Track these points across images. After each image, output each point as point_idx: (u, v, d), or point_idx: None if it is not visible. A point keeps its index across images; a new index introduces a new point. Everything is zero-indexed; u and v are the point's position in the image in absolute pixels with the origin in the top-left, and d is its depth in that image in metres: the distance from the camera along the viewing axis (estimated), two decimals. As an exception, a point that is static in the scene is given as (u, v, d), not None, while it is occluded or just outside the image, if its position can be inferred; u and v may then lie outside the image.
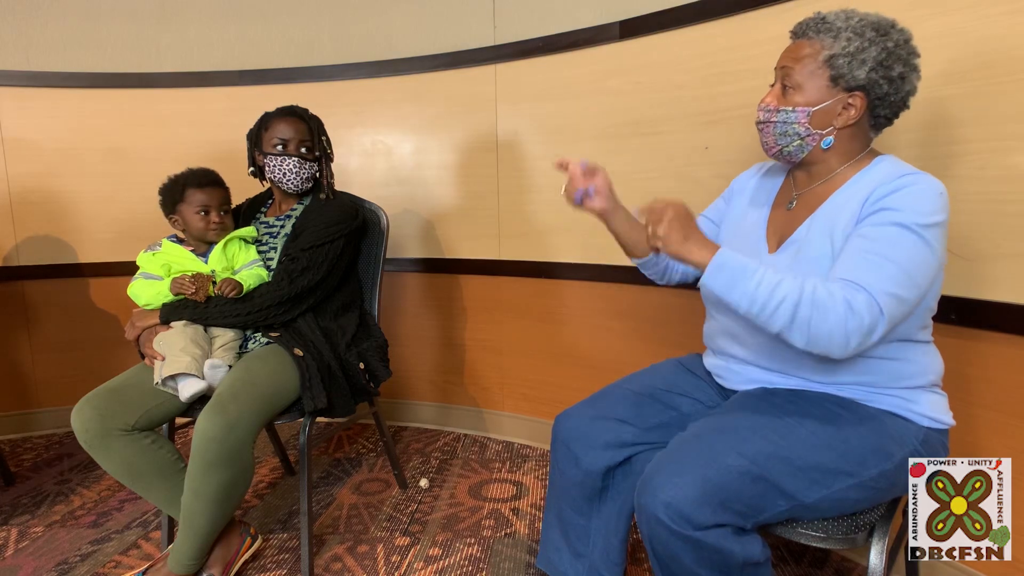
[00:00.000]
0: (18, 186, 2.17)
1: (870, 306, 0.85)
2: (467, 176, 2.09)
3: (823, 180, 1.02)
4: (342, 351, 1.47)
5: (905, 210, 0.88)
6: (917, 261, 0.87)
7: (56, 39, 2.15)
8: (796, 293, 0.86)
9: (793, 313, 0.86)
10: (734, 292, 0.89)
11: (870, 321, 0.85)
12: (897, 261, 0.86)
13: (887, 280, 0.86)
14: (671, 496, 0.84)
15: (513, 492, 1.80)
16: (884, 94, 0.95)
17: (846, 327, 0.85)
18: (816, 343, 0.87)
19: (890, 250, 0.87)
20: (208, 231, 1.45)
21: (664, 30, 1.65)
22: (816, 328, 0.85)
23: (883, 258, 0.87)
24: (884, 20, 0.95)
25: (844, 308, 0.84)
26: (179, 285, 1.37)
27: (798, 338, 0.87)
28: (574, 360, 2.00)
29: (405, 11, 2.09)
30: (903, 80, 0.95)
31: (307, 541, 1.38)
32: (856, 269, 0.88)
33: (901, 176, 0.91)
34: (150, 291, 1.40)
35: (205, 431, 1.19)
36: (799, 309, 0.86)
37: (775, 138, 1.01)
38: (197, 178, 1.46)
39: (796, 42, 1.00)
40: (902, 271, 0.86)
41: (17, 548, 1.55)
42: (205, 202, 1.44)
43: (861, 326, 0.85)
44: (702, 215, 1.27)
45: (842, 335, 0.85)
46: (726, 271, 0.90)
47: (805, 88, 0.97)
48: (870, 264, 0.87)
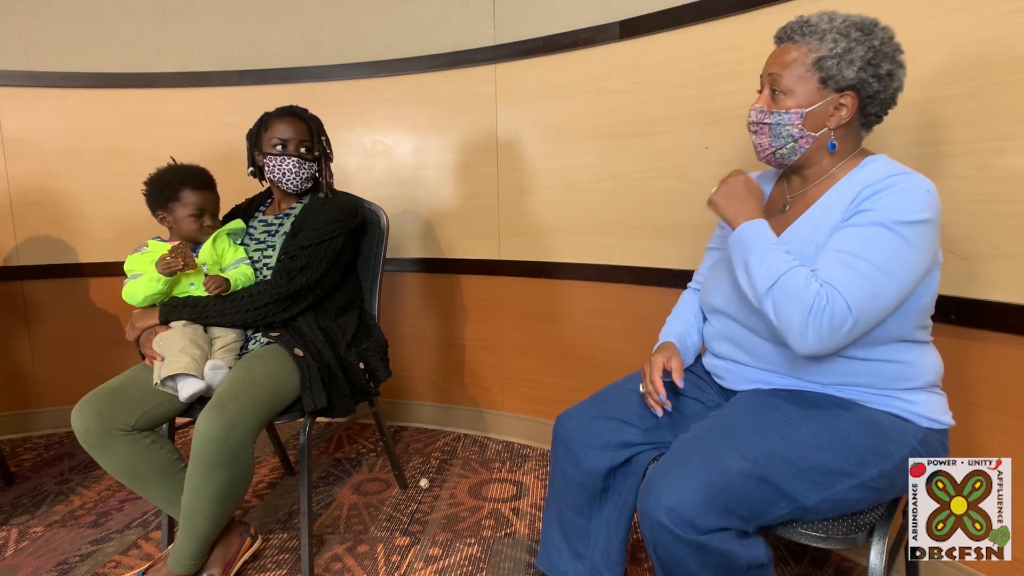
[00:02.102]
0: (18, 186, 2.17)
1: (836, 303, 0.86)
2: (467, 176, 2.09)
3: (817, 182, 1.03)
4: (342, 351, 1.47)
5: (885, 209, 0.89)
6: (894, 259, 0.88)
7: (56, 39, 2.15)
8: (788, 266, 0.91)
9: (771, 286, 0.91)
10: (753, 244, 0.95)
11: (838, 320, 0.86)
12: (870, 259, 0.88)
13: (858, 277, 0.87)
14: (674, 500, 0.84)
15: (513, 492, 1.80)
16: (874, 92, 0.97)
17: (805, 321, 0.87)
18: (782, 319, 0.90)
19: (864, 248, 0.88)
20: (200, 234, 1.45)
21: (664, 30, 1.65)
22: (781, 312, 0.90)
23: (855, 256, 0.88)
24: (867, 19, 0.96)
25: (811, 302, 0.87)
26: (164, 263, 1.35)
27: (768, 310, 0.92)
28: (574, 360, 2.00)
29: (405, 11, 2.09)
30: (891, 77, 0.96)
31: (307, 541, 1.38)
32: (828, 268, 0.90)
33: (888, 176, 0.92)
34: (140, 284, 1.39)
35: (205, 431, 1.19)
36: (775, 285, 0.91)
37: (769, 140, 1.02)
38: (194, 180, 1.45)
39: (781, 47, 1.01)
40: (876, 268, 0.87)
41: (17, 548, 1.55)
42: (200, 205, 1.44)
43: (820, 324, 0.87)
44: (707, 247, 1.29)
45: (800, 328, 0.88)
46: (760, 230, 0.97)
47: (796, 92, 0.98)
48: (842, 263, 0.89)
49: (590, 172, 1.85)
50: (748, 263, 0.95)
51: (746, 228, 0.98)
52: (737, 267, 0.98)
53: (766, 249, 0.94)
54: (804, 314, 0.87)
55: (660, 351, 1.13)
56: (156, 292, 1.38)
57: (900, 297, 0.90)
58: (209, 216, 1.46)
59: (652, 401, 1.09)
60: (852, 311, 0.86)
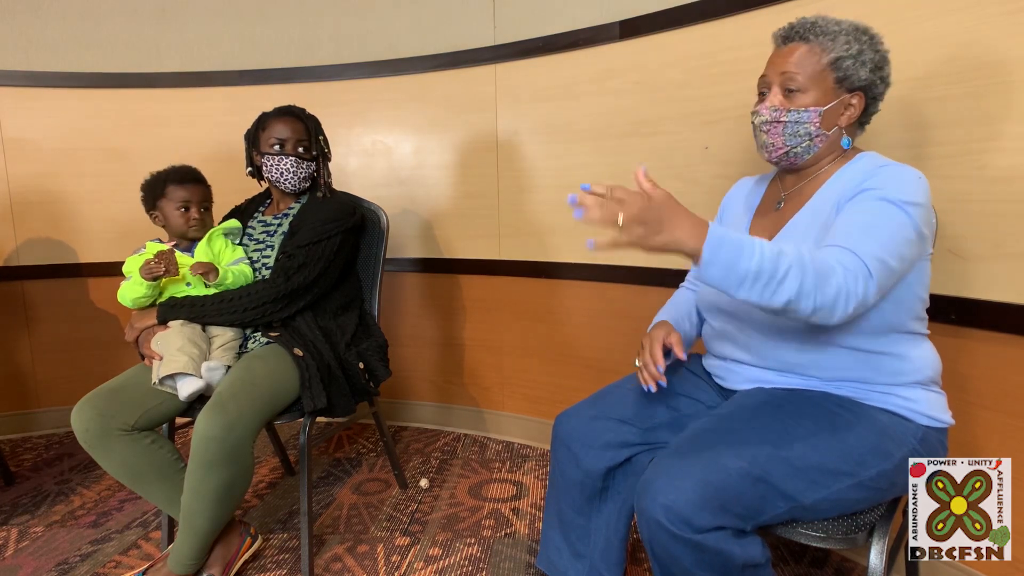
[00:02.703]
0: (18, 186, 2.17)
1: (860, 268, 0.85)
2: (467, 176, 2.09)
3: (811, 178, 1.05)
4: (342, 351, 1.47)
5: (888, 187, 0.91)
6: (901, 234, 0.89)
7: (56, 39, 2.15)
8: (799, 260, 0.81)
9: (800, 282, 0.80)
10: (733, 273, 0.80)
11: (864, 284, 0.84)
12: (882, 228, 0.88)
13: (874, 244, 0.87)
14: (671, 499, 0.84)
15: (513, 492, 1.80)
16: (879, 93, 1.00)
17: (847, 290, 0.82)
18: (822, 309, 0.82)
19: (875, 219, 0.89)
20: (188, 227, 1.45)
21: (664, 30, 1.65)
22: (822, 294, 0.81)
23: (868, 226, 0.89)
24: (862, 24, 0.99)
25: (842, 271, 0.83)
26: (147, 269, 1.36)
27: (806, 307, 0.82)
28: (574, 360, 2.00)
29: (405, 11, 2.09)
30: (887, 80, 1.01)
31: (307, 541, 1.38)
32: (844, 236, 0.89)
33: (884, 165, 0.95)
34: (128, 287, 1.40)
35: (205, 431, 1.19)
36: (805, 277, 0.80)
37: (784, 138, 1.02)
38: (178, 175, 1.47)
39: (788, 46, 1.01)
40: (889, 237, 0.88)
41: (17, 548, 1.55)
42: (185, 198, 1.45)
43: (856, 289, 0.83)
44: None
45: (844, 299, 0.83)
46: (724, 249, 0.79)
47: (812, 90, 0.99)
48: (858, 232, 0.89)
49: (590, 172, 1.85)
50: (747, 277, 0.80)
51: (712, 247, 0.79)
52: (733, 287, 0.82)
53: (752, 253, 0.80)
54: (843, 284, 0.82)
55: (658, 327, 1.12)
56: (141, 296, 1.39)
57: (902, 272, 0.91)
58: (196, 208, 1.46)
59: (647, 375, 1.04)
60: (873, 276, 0.85)
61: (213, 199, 1.53)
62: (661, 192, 0.80)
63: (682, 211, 0.80)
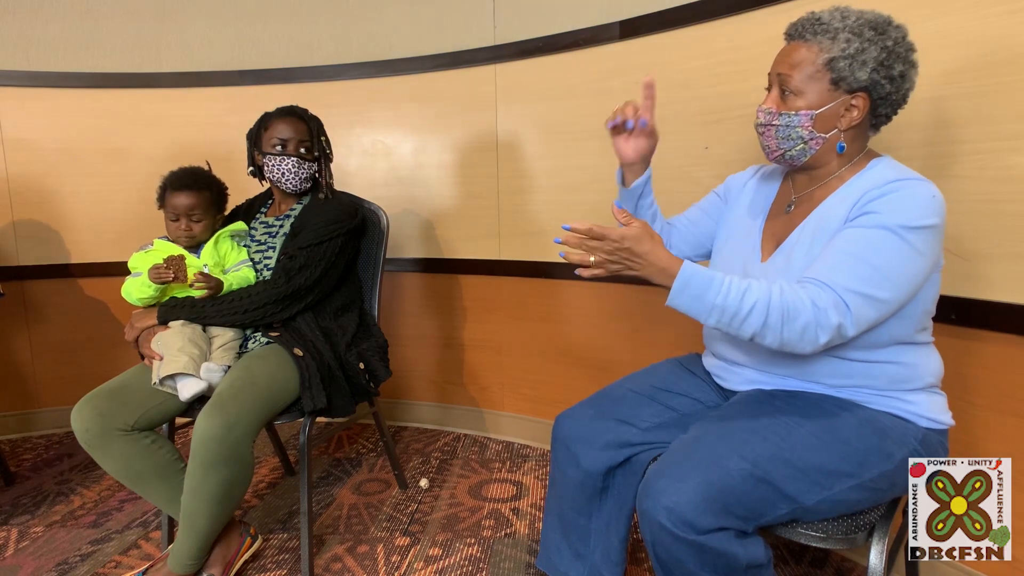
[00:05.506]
0: (18, 186, 2.17)
1: (836, 304, 0.86)
2: (467, 176, 2.09)
3: (823, 183, 1.02)
4: (342, 351, 1.47)
5: (889, 213, 0.88)
6: (896, 262, 0.87)
7: (56, 39, 2.15)
8: (765, 298, 0.87)
9: (764, 319, 0.87)
10: (701, 304, 0.89)
11: (838, 319, 0.86)
12: (871, 261, 0.87)
13: (855, 279, 0.87)
14: (673, 501, 0.84)
15: (513, 492, 1.80)
16: (886, 94, 0.94)
17: (817, 326, 0.86)
18: (788, 345, 0.88)
19: (865, 251, 0.88)
20: (176, 238, 1.45)
21: (664, 30, 1.65)
22: (789, 330, 0.87)
23: (855, 258, 0.88)
24: (881, 17, 0.93)
25: (811, 308, 0.86)
26: (156, 273, 1.36)
27: (771, 341, 0.89)
28: (574, 360, 2.00)
29: (405, 11, 2.09)
30: (903, 78, 0.94)
31: (307, 541, 1.38)
32: (825, 269, 0.89)
33: (892, 181, 0.90)
34: (135, 285, 1.40)
35: (205, 430, 1.19)
36: (769, 314, 0.87)
37: (777, 141, 1.01)
38: (176, 182, 1.45)
39: (791, 44, 0.99)
40: (876, 271, 0.87)
41: (17, 548, 1.55)
42: (175, 209, 1.44)
43: (830, 324, 0.86)
44: (694, 205, 1.28)
45: (812, 334, 0.87)
46: (691, 286, 0.89)
47: (806, 92, 0.96)
48: (840, 264, 0.88)
49: (590, 172, 1.85)
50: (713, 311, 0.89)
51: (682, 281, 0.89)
52: (703, 317, 0.90)
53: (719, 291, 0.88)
54: (812, 321, 0.86)
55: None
56: (147, 296, 1.39)
57: (901, 300, 0.89)
58: (185, 221, 1.44)
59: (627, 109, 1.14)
60: (850, 310, 0.86)
61: (213, 202, 1.50)
62: (634, 230, 0.90)
63: (654, 248, 0.90)
